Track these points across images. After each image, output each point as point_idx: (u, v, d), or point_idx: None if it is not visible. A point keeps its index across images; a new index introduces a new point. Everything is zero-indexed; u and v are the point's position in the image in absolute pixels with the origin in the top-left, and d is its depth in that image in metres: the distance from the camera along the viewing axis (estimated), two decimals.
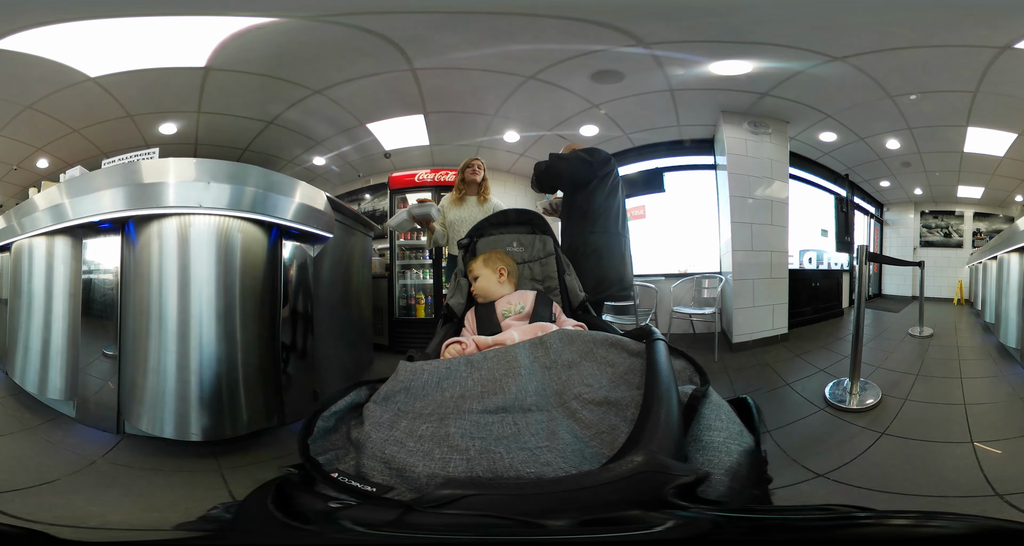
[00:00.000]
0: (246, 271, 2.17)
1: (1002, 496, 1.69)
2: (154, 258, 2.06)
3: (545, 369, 1.28)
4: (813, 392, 2.59)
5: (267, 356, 2.24)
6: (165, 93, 2.78)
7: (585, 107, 3.19)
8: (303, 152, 3.31)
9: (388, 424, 1.07)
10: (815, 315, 3.53)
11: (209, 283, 2.08)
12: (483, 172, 3.14)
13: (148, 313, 2.05)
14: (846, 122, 3.21)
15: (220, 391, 2.06)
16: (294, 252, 2.38)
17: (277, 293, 2.30)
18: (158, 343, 2.03)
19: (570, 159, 2.60)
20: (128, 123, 2.82)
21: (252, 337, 2.18)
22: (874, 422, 2.27)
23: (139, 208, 2.05)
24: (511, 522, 0.74)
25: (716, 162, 3.44)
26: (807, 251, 3.64)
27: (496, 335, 1.63)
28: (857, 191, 3.74)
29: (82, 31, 2.41)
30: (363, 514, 0.81)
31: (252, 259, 2.20)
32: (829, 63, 2.64)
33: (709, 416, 1.02)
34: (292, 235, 2.36)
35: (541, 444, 0.97)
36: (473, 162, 3.14)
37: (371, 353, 3.32)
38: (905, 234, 3.72)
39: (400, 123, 3.32)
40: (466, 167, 3.13)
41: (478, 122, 3.34)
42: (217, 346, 2.08)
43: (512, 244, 2.18)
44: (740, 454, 0.93)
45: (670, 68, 2.80)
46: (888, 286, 3.90)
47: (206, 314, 2.07)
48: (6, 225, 2.57)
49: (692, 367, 1.32)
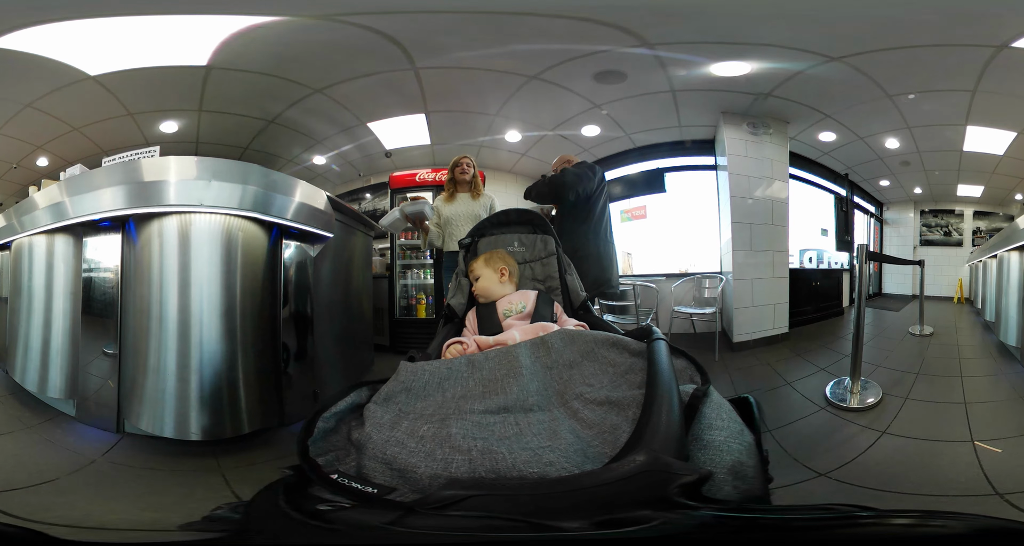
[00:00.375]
0: (246, 270, 2.17)
1: (1002, 495, 1.69)
2: (154, 257, 2.06)
3: (547, 369, 1.28)
4: (814, 391, 2.59)
5: (267, 356, 2.24)
6: (166, 91, 2.77)
7: (587, 107, 3.19)
8: (303, 151, 3.30)
9: (389, 425, 1.07)
10: (816, 314, 3.53)
11: (209, 282, 2.08)
12: (472, 170, 3.12)
13: (148, 312, 2.05)
14: (845, 122, 3.21)
15: (220, 391, 2.06)
16: (294, 252, 2.38)
17: (277, 293, 2.29)
18: (158, 342, 2.03)
19: (579, 174, 2.95)
20: (128, 121, 2.82)
21: (252, 337, 2.18)
22: (875, 421, 2.27)
23: (139, 206, 2.05)
24: (516, 522, 0.74)
25: (716, 163, 3.44)
26: (807, 250, 3.65)
27: (497, 335, 1.63)
28: (857, 190, 3.74)
29: (83, 30, 2.41)
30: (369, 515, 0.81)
31: (252, 258, 2.20)
32: (827, 63, 2.64)
33: (710, 415, 1.01)
34: (292, 235, 2.36)
35: (543, 444, 0.96)
36: (462, 160, 3.11)
37: (372, 353, 3.31)
38: (905, 233, 3.72)
39: (401, 122, 3.31)
40: (455, 166, 3.11)
41: (480, 122, 3.33)
42: (217, 345, 2.08)
43: (513, 244, 2.18)
44: (741, 453, 0.93)
45: (672, 69, 2.79)
46: (888, 285, 3.90)
47: (206, 313, 2.07)
48: (6, 223, 2.56)
49: (693, 366, 1.31)
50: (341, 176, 3.56)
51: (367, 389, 1.25)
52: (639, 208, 3.68)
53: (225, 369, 2.08)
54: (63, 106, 2.75)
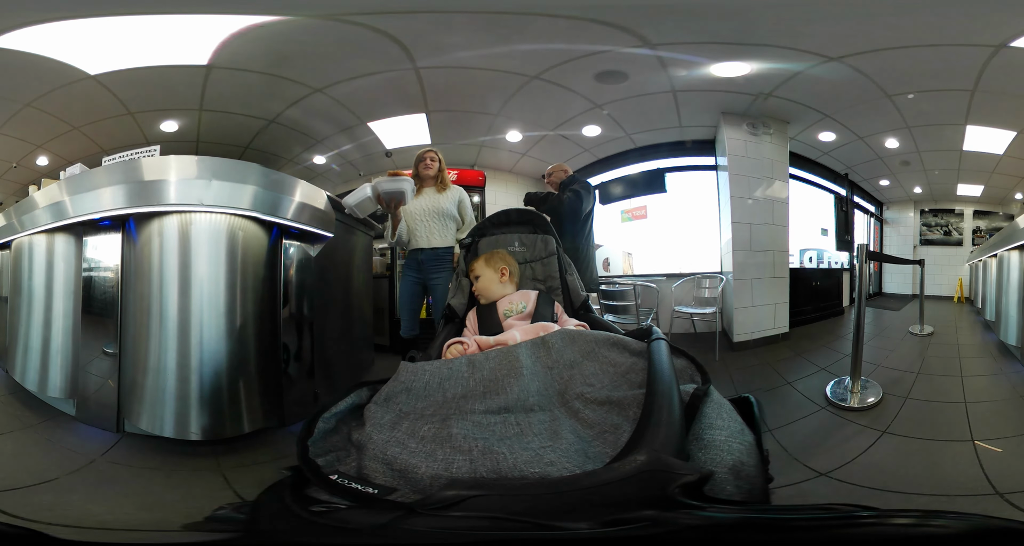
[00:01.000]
0: (247, 270, 2.17)
1: (1003, 495, 1.69)
2: (155, 256, 2.06)
3: (547, 369, 1.28)
4: (814, 391, 2.59)
5: (267, 356, 2.24)
6: (167, 91, 2.77)
7: (588, 107, 3.18)
8: (304, 151, 3.30)
9: (389, 425, 1.07)
10: (816, 314, 3.53)
11: (210, 282, 2.08)
12: (437, 164, 2.83)
13: (148, 312, 2.05)
14: (845, 122, 3.21)
15: (220, 391, 2.06)
16: (295, 251, 2.38)
17: (277, 292, 2.29)
18: (158, 342, 2.03)
19: (576, 203, 3.02)
20: (129, 121, 2.81)
21: (252, 336, 2.18)
22: (875, 421, 2.27)
23: (140, 206, 2.05)
24: (517, 522, 0.74)
25: (717, 163, 3.44)
26: (807, 250, 3.65)
27: (498, 335, 1.63)
28: (857, 190, 3.74)
29: (84, 29, 2.40)
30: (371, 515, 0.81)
31: (253, 258, 2.19)
32: (826, 63, 2.64)
33: (711, 415, 1.02)
34: (293, 234, 2.36)
35: (544, 444, 0.96)
36: (426, 155, 2.83)
37: (372, 353, 3.31)
38: (905, 232, 3.72)
39: (402, 122, 3.30)
40: (419, 161, 2.83)
41: (481, 121, 3.33)
42: (217, 345, 2.07)
43: (514, 244, 2.18)
44: (742, 453, 0.93)
45: (673, 69, 2.79)
46: (888, 284, 3.90)
47: (206, 313, 2.06)
48: (6, 223, 2.56)
49: (693, 366, 1.32)
50: (341, 176, 3.55)
51: (367, 389, 1.25)
52: (640, 208, 3.68)
53: (225, 369, 2.08)
54: (63, 105, 2.75)
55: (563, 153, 3.50)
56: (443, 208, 2.77)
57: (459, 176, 3.50)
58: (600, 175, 3.70)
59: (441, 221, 2.79)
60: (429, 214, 2.77)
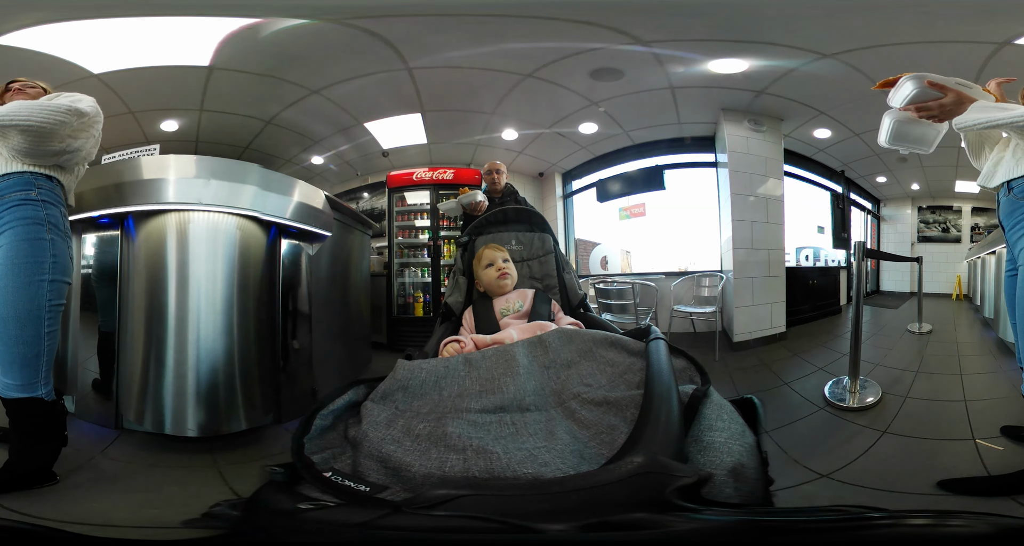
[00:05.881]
0: (245, 268, 2.17)
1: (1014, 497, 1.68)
2: (153, 254, 2.06)
3: (544, 368, 1.27)
4: (812, 391, 2.57)
5: (265, 354, 2.24)
6: (168, 91, 2.77)
7: (584, 105, 3.18)
8: (301, 151, 3.30)
9: (385, 423, 1.07)
10: (813, 313, 3.52)
11: (208, 280, 2.08)
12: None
13: (146, 309, 2.05)
14: (841, 118, 3.20)
15: (217, 388, 2.07)
16: (293, 250, 2.38)
17: (275, 291, 2.30)
18: (157, 339, 2.04)
19: None
20: (130, 119, 2.81)
21: (250, 334, 2.18)
22: (875, 420, 2.26)
23: (139, 204, 2.05)
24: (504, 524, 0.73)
25: (717, 160, 3.43)
26: (804, 248, 3.64)
27: (494, 334, 1.63)
28: (853, 187, 3.74)
29: (90, 29, 2.42)
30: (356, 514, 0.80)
31: (251, 256, 2.20)
32: (821, 60, 2.64)
33: (710, 416, 1.01)
34: (291, 233, 2.36)
35: (539, 444, 0.96)
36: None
37: (369, 351, 3.31)
38: (903, 229, 3.71)
39: (398, 122, 3.30)
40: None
41: (476, 120, 3.33)
42: (215, 343, 2.08)
43: (511, 242, 2.17)
44: (742, 455, 0.92)
45: (670, 66, 2.79)
46: (886, 282, 3.90)
47: (204, 310, 2.07)
48: None
49: (693, 366, 1.31)
50: (339, 175, 3.56)
51: (364, 387, 1.25)
52: (638, 206, 3.67)
53: (223, 366, 2.09)
54: None
55: (560, 151, 3.50)
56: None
57: (455, 175, 3.51)
58: (598, 172, 3.70)
59: None
60: None
